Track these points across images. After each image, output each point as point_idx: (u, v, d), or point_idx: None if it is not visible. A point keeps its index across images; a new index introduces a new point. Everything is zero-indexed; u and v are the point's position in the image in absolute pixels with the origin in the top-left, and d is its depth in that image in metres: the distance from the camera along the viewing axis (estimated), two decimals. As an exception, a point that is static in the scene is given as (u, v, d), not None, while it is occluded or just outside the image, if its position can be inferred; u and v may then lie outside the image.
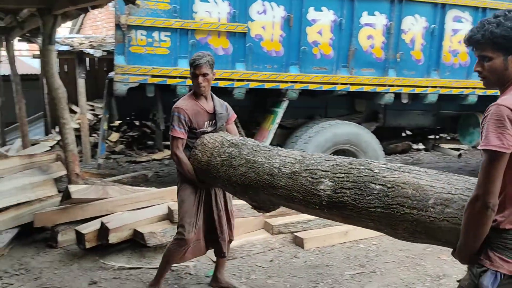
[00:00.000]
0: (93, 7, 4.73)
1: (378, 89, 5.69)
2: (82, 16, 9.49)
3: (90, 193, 4.37)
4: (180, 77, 4.96)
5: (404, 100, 5.96)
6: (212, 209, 3.25)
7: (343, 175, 2.22)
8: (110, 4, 4.86)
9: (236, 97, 5.28)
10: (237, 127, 5.62)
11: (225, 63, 5.13)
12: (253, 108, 6.11)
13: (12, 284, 3.54)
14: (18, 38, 7.43)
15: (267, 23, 5.20)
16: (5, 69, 8.07)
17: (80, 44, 7.72)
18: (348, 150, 5.66)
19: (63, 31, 11.11)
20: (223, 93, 5.42)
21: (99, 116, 8.76)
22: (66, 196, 4.29)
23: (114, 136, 9.04)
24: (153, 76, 4.93)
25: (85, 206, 4.30)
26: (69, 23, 11.45)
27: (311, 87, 5.47)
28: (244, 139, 3.07)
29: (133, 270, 3.76)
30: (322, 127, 5.58)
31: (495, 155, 1.56)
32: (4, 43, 7.38)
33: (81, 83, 7.71)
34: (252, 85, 5.25)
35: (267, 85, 5.31)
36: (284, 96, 5.45)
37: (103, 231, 3.98)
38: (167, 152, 7.80)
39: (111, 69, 5.78)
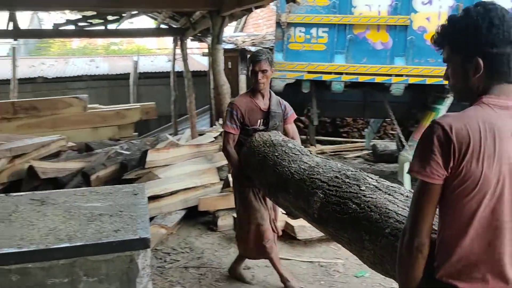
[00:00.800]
0: (257, 7, 4.99)
1: None
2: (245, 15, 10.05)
3: (247, 183, 4.65)
4: (336, 73, 4.94)
5: None
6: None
7: (334, 188, 2.10)
8: (271, 3, 5.08)
9: (394, 93, 5.07)
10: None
11: (383, 58, 4.97)
12: (412, 104, 5.78)
13: (178, 260, 3.97)
14: (191, 38, 8.22)
15: (432, 14, 4.86)
16: (179, 66, 9.00)
17: (243, 42, 8.20)
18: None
19: (228, 30, 11.93)
20: (379, 89, 5.27)
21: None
22: (226, 184, 4.66)
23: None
24: (309, 72, 5.01)
25: (242, 195, 4.58)
26: (234, 23, 12.24)
27: (481, 82, 4.96)
28: (286, 141, 2.95)
29: (283, 261, 3.85)
30: (492, 127, 5.01)
31: (421, 183, 1.28)
32: (179, 43, 8.27)
33: (242, 79, 8.21)
34: (412, 80, 4.99)
35: (429, 81, 4.99)
36: (448, 93, 5.04)
37: (257, 220, 4.19)
38: (319, 147, 7.87)
39: (270, 65, 6.03)
